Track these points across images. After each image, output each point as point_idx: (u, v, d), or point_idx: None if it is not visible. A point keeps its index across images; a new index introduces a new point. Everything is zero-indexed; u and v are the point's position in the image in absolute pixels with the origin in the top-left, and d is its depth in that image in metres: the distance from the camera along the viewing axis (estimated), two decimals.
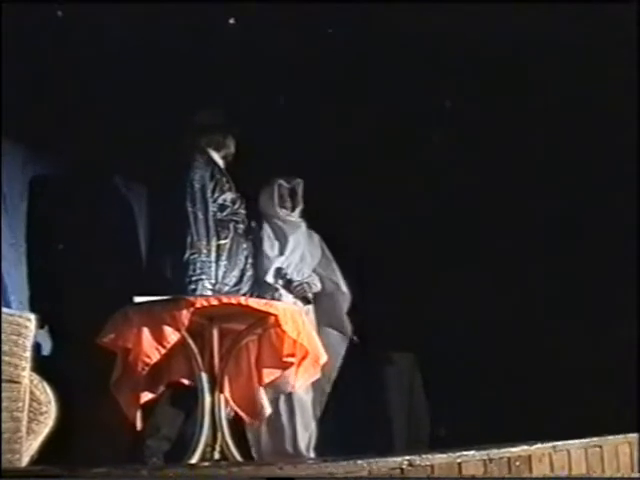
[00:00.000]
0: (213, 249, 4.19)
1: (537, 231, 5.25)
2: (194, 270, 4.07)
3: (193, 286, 4.03)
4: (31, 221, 4.35)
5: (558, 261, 5.12)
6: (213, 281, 4.13)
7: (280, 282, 4.63)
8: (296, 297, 4.60)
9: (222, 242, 4.27)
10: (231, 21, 4.66)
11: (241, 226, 4.42)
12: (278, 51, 4.75)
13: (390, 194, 5.33)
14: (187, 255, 4.08)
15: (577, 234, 5.06)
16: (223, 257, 4.25)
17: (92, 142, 4.43)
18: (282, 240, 4.76)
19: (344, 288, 4.81)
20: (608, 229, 4.88)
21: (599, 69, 4.79)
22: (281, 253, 4.72)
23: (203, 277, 4.08)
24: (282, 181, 4.82)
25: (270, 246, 4.72)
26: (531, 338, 5.07)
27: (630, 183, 4.78)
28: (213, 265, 4.17)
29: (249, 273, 4.41)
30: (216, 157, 4.49)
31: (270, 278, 4.62)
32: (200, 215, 4.21)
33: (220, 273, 4.21)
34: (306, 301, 4.61)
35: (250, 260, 4.45)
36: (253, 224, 4.65)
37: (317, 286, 4.75)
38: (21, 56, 4.02)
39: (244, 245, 4.42)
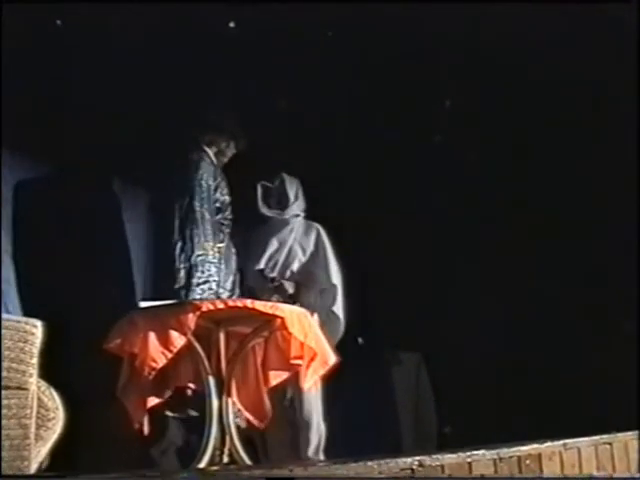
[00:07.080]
0: (217, 251, 4.17)
1: (541, 230, 5.24)
2: (202, 272, 4.04)
3: (202, 287, 4.01)
4: (34, 226, 4.33)
5: (565, 260, 5.12)
6: (218, 283, 4.11)
7: (261, 285, 4.53)
8: (279, 295, 4.54)
9: (220, 245, 4.25)
10: (231, 24, 4.66)
11: (228, 231, 4.39)
12: (278, 51, 4.75)
13: (395, 192, 5.34)
14: (196, 256, 4.05)
15: (579, 234, 5.05)
16: (222, 260, 4.23)
17: (93, 142, 4.40)
18: (264, 242, 4.63)
19: (334, 280, 4.61)
20: (608, 229, 4.88)
21: (599, 69, 4.79)
22: (261, 256, 4.60)
23: (210, 279, 4.06)
24: (265, 182, 4.72)
25: (253, 250, 4.61)
26: (540, 335, 5.07)
27: (630, 182, 4.78)
28: (217, 267, 4.14)
29: (238, 278, 4.38)
30: (217, 159, 4.48)
31: (250, 282, 4.55)
32: (207, 215, 4.17)
33: (222, 276, 4.19)
34: (288, 298, 4.47)
35: (238, 265, 4.42)
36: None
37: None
38: (17, 58, 4.00)
39: (233, 250, 4.39)
